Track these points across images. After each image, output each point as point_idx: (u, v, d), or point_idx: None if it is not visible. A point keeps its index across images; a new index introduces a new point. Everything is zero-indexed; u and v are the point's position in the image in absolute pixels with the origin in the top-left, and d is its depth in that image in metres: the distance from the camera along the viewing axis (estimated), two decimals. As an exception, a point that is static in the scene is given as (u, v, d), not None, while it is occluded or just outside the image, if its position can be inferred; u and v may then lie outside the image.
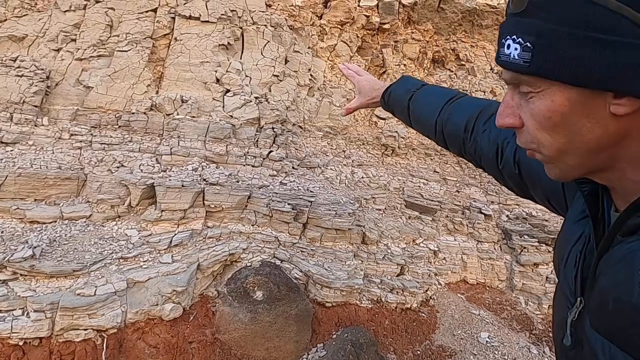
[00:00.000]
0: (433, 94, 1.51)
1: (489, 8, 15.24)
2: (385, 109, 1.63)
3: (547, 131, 0.76)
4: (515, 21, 0.75)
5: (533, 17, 0.72)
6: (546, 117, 0.75)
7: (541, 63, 0.72)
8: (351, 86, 14.24)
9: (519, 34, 0.74)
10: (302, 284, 9.06)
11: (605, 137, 0.73)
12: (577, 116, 0.73)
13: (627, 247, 0.72)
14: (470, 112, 1.35)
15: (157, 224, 8.90)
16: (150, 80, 10.78)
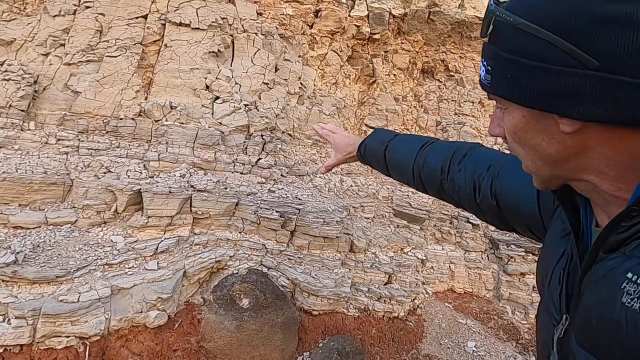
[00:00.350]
0: (407, 141, 1.59)
1: (477, 20, 15.42)
2: (363, 162, 1.72)
3: (517, 144, 0.83)
4: (485, 46, 0.84)
5: (492, 43, 0.81)
6: (512, 132, 0.82)
7: (497, 85, 0.79)
8: (341, 95, 14.33)
9: (485, 58, 0.82)
10: (289, 291, 9.02)
11: (564, 151, 0.78)
12: (534, 132, 0.79)
13: (609, 264, 0.74)
14: (445, 154, 1.42)
15: (143, 230, 8.82)
16: (139, 86, 10.75)
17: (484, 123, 14.92)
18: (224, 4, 12.19)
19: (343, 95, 14.33)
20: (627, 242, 0.73)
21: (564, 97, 0.72)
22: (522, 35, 0.74)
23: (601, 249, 0.76)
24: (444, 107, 15.11)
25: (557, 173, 0.82)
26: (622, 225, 0.73)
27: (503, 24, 0.77)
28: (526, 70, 0.74)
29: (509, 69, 0.76)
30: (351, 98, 14.56)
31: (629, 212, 0.72)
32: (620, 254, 0.73)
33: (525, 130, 0.80)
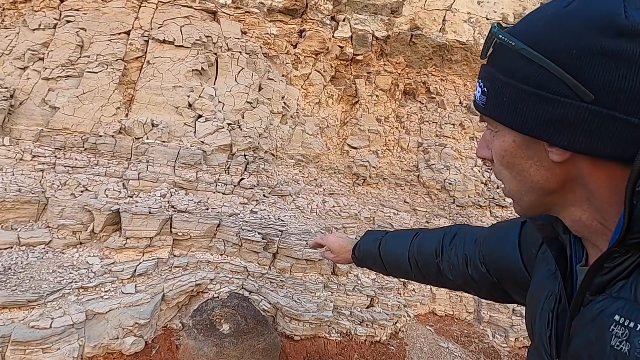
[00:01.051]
0: (398, 235, 1.66)
1: (458, 44, 15.73)
2: (359, 265, 1.78)
3: (504, 168, 0.84)
4: (483, 67, 0.85)
5: (491, 65, 0.82)
6: (501, 156, 0.83)
7: (492, 107, 0.80)
8: (324, 115, 14.35)
9: (482, 79, 0.83)
10: (271, 316, 8.84)
11: (553, 180, 0.78)
12: (524, 158, 0.79)
13: (597, 306, 0.73)
14: (437, 239, 1.47)
15: (121, 252, 8.56)
16: (121, 103, 10.55)
17: (464, 145, 15.10)
18: (209, 22, 12.14)
19: (326, 115, 14.35)
20: (612, 283, 0.73)
21: (557, 126, 0.72)
22: (522, 61, 0.75)
23: (588, 291, 0.76)
24: (426, 129, 15.26)
25: (541, 201, 0.82)
26: (606, 267, 0.72)
27: (504, 47, 0.78)
28: (522, 95, 0.75)
29: (505, 93, 0.77)
30: (334, 118, 14.59)
31: (610, 253, 0.71)
32: (607, 295, 0.72)
33: (514, 155, 0.80)
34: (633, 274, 0.71)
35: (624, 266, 0.71)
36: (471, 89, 16.30)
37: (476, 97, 0.85)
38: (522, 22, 0.80)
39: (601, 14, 0.68)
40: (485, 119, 0.85)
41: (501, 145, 0.82)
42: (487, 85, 0.81)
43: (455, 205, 13.97)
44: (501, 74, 0.78)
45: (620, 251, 0.71)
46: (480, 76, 0.85)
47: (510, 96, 0.77)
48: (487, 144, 0.88)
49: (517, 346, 11.83)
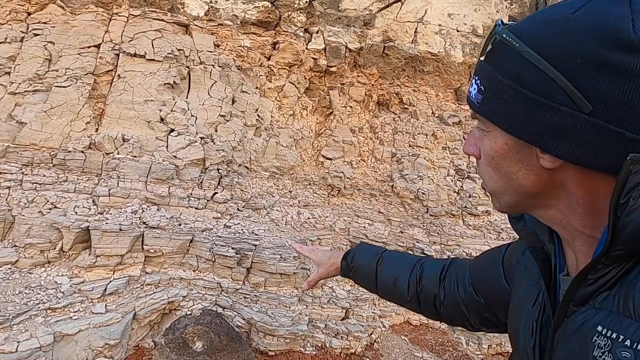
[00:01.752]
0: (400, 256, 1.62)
1: (430, 55, 16.01)
2: (345, 274, 1.67)
3: (492, 167, 0.83)
4: (481, 64, 0.83)
5: (489, 63, 0.80)
6: (490, 156, 0.82)
7: (487, 107, 0.79)
8: (298, 126, 14.40)
9: (479, 76, 0.82)
10: (245, 332, 8.80)
11: (540, 185, 0.78)
12: (513, 161, 0.79)
13: (580, 317, 0.75)
14: (441, 264, 1.45)
15: (90, 270, 8.42)
16: (90, 117, 10.40)
17: (436, 155, 15.34)
18: (181, 35, 12.09)
19: (300, 126, 14.40)
20: (595, 294, 0.74)
21: (553, 134, 0.72)
22: (524, 63, 0.74)
23: (571, 302, 0.77)
24: (399, 139, 15.45)
25: (522, 201, 0.83)
26: (589, 278, 0.74)
27: (506, 46, 0.77)
28: (520, 99, 0.74)
29: (503, 94, 0.76)
30: (308, 129, 14.65)
31: (594, 265, 0.73)
32: (590, 306, 0.74)
33: (504, 157, 0.80)
34: (616, 285, 0.72)
35: (608, 277, 0.72)
36: (443, 99, 16.59)
37: (471, 94, 0.83)
38: (526, 23, 0.78)
39: (609, 25, 0.68)
40: (477, 116, 0.84)
41: (492, 145, 0.81)
42: (484, 84, 0.80)
43: (428, 215, 14.16)
44: (500, 74, 0.77)
45: (604, 262, 0.72)
46: (477, 73, 0.83)
47: (507, 98, 0.76)
48: (475, 141, 0.88)
49: (490, 353, 12.04)
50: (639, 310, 0.66)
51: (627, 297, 0.69)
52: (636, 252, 0.70)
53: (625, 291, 0.70)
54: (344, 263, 1.64)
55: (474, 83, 0.83)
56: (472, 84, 0.84)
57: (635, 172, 0.66)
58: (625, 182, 0.67)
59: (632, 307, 0.67)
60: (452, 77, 16.60)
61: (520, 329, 0.95)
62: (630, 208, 0.67)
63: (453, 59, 16.24)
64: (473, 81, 0.83)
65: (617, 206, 0.68)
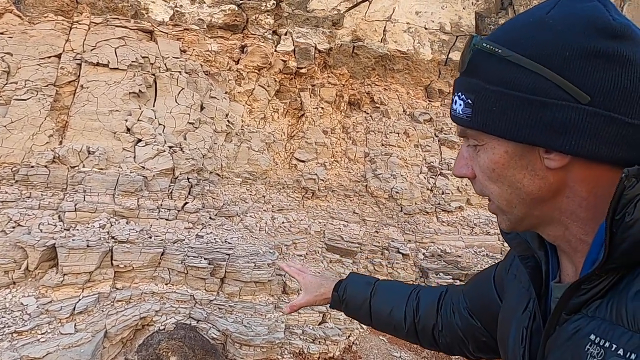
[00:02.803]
0: (394, 285, 1.58)
1: (399, 54, 16.10)
2: (336, 307, 1.61)
3: (493, 182, 0.81)
4: (461, 80, 0.82)
5: (472, 76, 0.79)
6: (490, 169, 0.80)
7: (479, 118, 0.77)
8: (270, 129, 14.30)
9: (462, 91, 0.81)
10: (221, 343, 8.72)
11: (546, 188, 0.77)
12: (516, 168, 0.78)
13: (572, 326, 0.75)
14: (438, 292, 1.43)
15: (58, 289, 8.21)
16: (53, 130, 10.12)
17: (409, 153, 15.44)
18: (145, 42, 11.84)
19: (272, 129, 14.31)
20: (588, 302, 0.74)
21: (556, 130, 0.72)
22: (511, 68, 0.74)
23: (564, 310, 0.77)
24: (372, 139, 15.50)
25: (531, 213, 0.81)
26: (583, 288, 0.74)
27: (488, 55, 0.77)
28: (515, 102, 0.73)
29: (495, 102, 0.75)
30: (280, 132, 14.57)
31: (589, 276, 0.73)
32: (582, 315, 0.74)
33: (506, 166, 0.78)
34: (608, 293, 0.72)
35: (600, 287, 0.73)
36: (414, 97, 16.70)
37: (456, 112, 0.82)
38: (501, 30, 0.79)
39: (588, 17, 0.70)
40: (468, 132, 0.82)
41: (490, 158, 0.79)
42: (471, 97, 0.79)
43: (402, 213, 14.26)
44: (487, 83, 0.77)
45: (599, 274, 0.73)
46: (458, 89, 0.82)
47: (501, 104, 0.75)
48: (465, 161, 0.86)
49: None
50: (632, 319, 0.66)
51: (619, 306, 0.69)
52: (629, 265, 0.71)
53: (617, 300, 0.70)
54: (335, 295, 1.59)
55: (457, 100, 0.82)
56: (454, 102, 0.83)
57: (629, 187, 0.67)
58: (620, 197, 0.68)
59: (625, 315, 0.68)
60: (422, 74, 16.71)
61: (510, 335, 0.95)
62: (627, 224, 0.68)
63: (422, 57, 16.36)
64: (456, 98, 0.82)
65: (613, 222, 0.69)
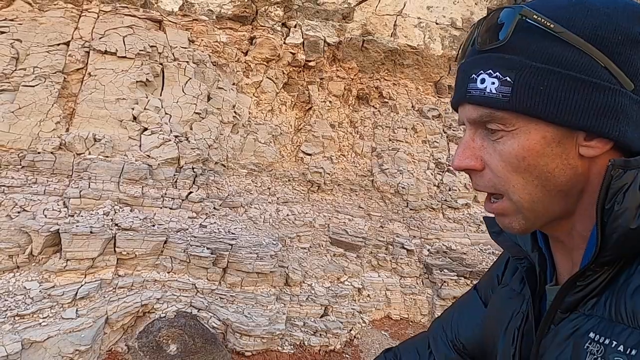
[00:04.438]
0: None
1: (409, 49, 15.96)
2: None
3: (519, 173, 0.74)
4: (488, 57, 0.75)
5: (511, 52, 0.73)
6: (519, 158, 0.73)
7: (520, 98, 0.71)
8: (277, 122, 14.26)
9: (496, 68, 0.73)
10: (221, 333, 8.72)
11: (574, 180, 0.74)
12: (550, 156, 0.73)
13: (570, 324, 0.74)
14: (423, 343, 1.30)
15: (61, 274, 8.25)
16: (60, 117, 10.17)
17: (416, 149, 15.33)
18: (153, 31, 11.85)
19: (279, 122, 14.27)
20: (584, 300, 0.73)
21: (607, 114, 0.69)
22: (562, 46, 0.70)
23: (559, 309, 0.76)
24: (379, 133, 15.41)
25: (552, 208, 0.77)
26: (578, 285, 0.73)
27: (533, 29, 0.71)
28: (568, 82, 0.70)
29: (543, 81, 0.70)
30: (287, 125, 14.53)
31: (583, 272, 0.72)
32: (580, 313, 0.73)
33: (540, 154, 0.73)
34: (605, 290, 0.71)
35: (596, 283, 0.72)
36: (423, 93, 16.57)
37: (485, 91, 0.74)
38: (545, 6, 0.73)
39: (632, 5, 0.69)
40: (495, 116, 0.74)
41: (523, 144, 0.73)
42: (510, 75, 0.72)
43: (408, 209, 14.17)
44: (531, 60, 0.71)
45: (594, 269, 0.71)
46: (487, 66, 0.74)
47: (549, 84, 0.70)
48: (472, 151, 0.78)
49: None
50: (631, 315, 0.66)
51: (618, 303, 0.69)
52: (623, 256, 0.70)
53: (615, 297, 0.69)
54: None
55: (486, 78, 0.74)
56: (478, 78, 0.75)
57: (617, 177, 0.68)
58: (608, 187, 0.68)
59: (624, 312, 0.67)
60: (432, 70, 16.57)
61: (501, 337, 0.93)
62: (616, 213, 0.68)
63: (432, 52, 16.20)
64: (484, 77, 0.74)
65: (603, 212, 0.69)
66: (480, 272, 12.73)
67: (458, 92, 0.80)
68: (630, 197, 0.67)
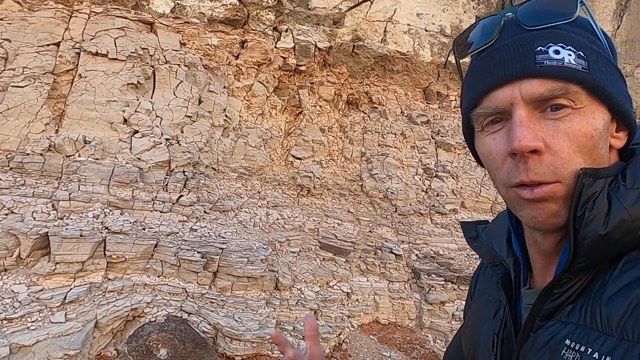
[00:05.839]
0: None
1: (399, 55, 16.13)
2: None
3: (583, 154, 0.72)
4: (555, 32, 0.73)
5: (575, 33, 0.74)
6: (589, 136, 0.71)
7: (595, 74, 0.71)
8: (267, 126, 14.29)
9: (567, 43, 0.72)
10: (211, 337, 8.71)
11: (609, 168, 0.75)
12: (605, 141, 0.74)
13: (547, 332, 0.75)
14: None
15: (50, 277, 8.17)
16: (50, 118, 10.07)
17: (405, 154, 15.48)
18: (145, 33, 11.81)
19: (269, 126, 14.30)
20: (561, 307, 0.75)
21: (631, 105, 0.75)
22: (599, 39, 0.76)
23: (537, 316, 0.77)
24: (368, 138, 15.53)
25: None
26: (555, 293, 0.75)
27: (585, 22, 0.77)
28: (615, 70, 0.74)
29: (604, 64, 0.73)
30: (277, 129, 14.57)
31: (559, 279, 0.74)
32: (556, 320, 0.74)
33: (602, 136, 0.73)
34: (580, 297, 0.73)
35: (572, 290, 0.73)
36: (412, 99, 16.75)
37: (565, 61, 0.71)
38: None
39: None
40: (571, 89, 0.71)
41: (591, 123, 0.71)
42: (584, 51, 0.71)
43: (397, 214, 14.30)
44: (590, 42, 0.73)
45: (569, 276, 0.73)
46: (558, 39, 0.72)
47: (607, 69, 0.72)
48: (534, 132, 0.72)
49: (456, 350, 12.24)
50: (606, 322, 0.67)
51: (593, 310, 0.69)
52: (596, 263, 0.71)
53: (591, 303, 0.70)
54: None
55: (560, 50, 0.71)
56: (551, 50, 0.72)
57: (587, 185, 0.69)
58: (580, 194, 0.70)
59: (600, 319, 0.68)
60: (421, 76, 16.76)
61: (481, 342, 0.94)
62: (587, 220, 0.69)
63: (422, 59, 16.40)
64: (557, 47, 0.72)
65: (575, 219, 0.70)
66: (467, 277, 12.90)
67: (517, 66, 0.73)
68: (599, 204, 0.69)
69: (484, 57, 0.79)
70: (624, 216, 0.68)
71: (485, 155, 0.81)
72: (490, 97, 0.76)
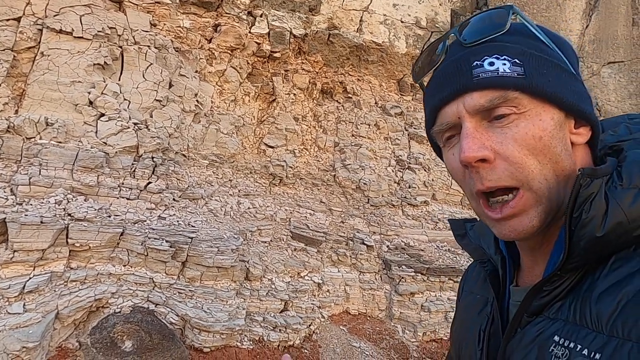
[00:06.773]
0: None
1: (374, 45, 16.04)
2: None
3: (535, 156, 0.74)
4: (489, 45, 0.77)
5: (510, 42, 0.77)
6: (537, 137, 0.73)
7: (532, 78, 0.74)
8: (240, 113, 13.98)
9: (501, 53, 0.76)
10: (179, 329, 8.49)
11: (572, 167, 0.76)
12: (558, 139, 0.75)
13: (535, 328, 0.75)
14: None
15: (7, 266, 7.75)
16: (9, 98, 9.52)
17: (379, 145, 15.46)
18: (113, 12, 11.29)
19: (242, 113, 13.99)
20: (549, 304, 0.75)
21: (586, 100, 0.76)
22: (540, 41, 0.78)
23: (525, 313, 0.77)
24: (342, 129, 15.42)
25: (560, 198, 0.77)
26: (544, 290, 0.74)
27: (522, 27, 0.79)
28: (560, 70, 0.76)
29: (544, 66, 0.75)
30: (250, 116, 14.28)
31: (551, 277, 0.74)
32: (545, 317, 0.74)
33: (553, 136, 0.74)
34: (569, 295, 0.73)
35: (561, 288, 0.73)
36: (386, 90, 16.72)
37: (500, 70, 0.74)
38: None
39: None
40: (509, 96, 0.74)
41: (537, 125, 0.73)
42: (520, 58, 0.75)
43: (369, 205, 14.29)
44: (528, 48, 0.76)
45: (560, 274, 0.73)
46: (492, 51, 0.76)
47: (549, 69, 0.75)
48: (480, 142, 0.75)
49: (424, 340, 12.40)
50: (596, 320, 0.67)
51: (583, 307, 0.70)
52: (588, 262, 0.72)
53: (580, 301, 0.71)
54: None
55: (495, 61, 0.75)
56: (486, 62, 0.75)
57: (585, 185, 0.70)
58: (577, 195, 0.70)
59: (589, 316, 0.68)
60: (396, 67, 16.72)
61: (468, 338, 0.94)
62: (584, 221, 0.70)
63: (397, 50, 16.36)
64: (491, 59, 0.75)
65: (571, 220, 0.70)
66: (436, 268, 13.05)
67: (457, 82, 0.77)
68: (596, 205, 0.69)
69: (433, 77, 0.85)
70: (621, 218, 0.68)
71: (450, 170, 0.85)
72: (441, 114, 0.81)
